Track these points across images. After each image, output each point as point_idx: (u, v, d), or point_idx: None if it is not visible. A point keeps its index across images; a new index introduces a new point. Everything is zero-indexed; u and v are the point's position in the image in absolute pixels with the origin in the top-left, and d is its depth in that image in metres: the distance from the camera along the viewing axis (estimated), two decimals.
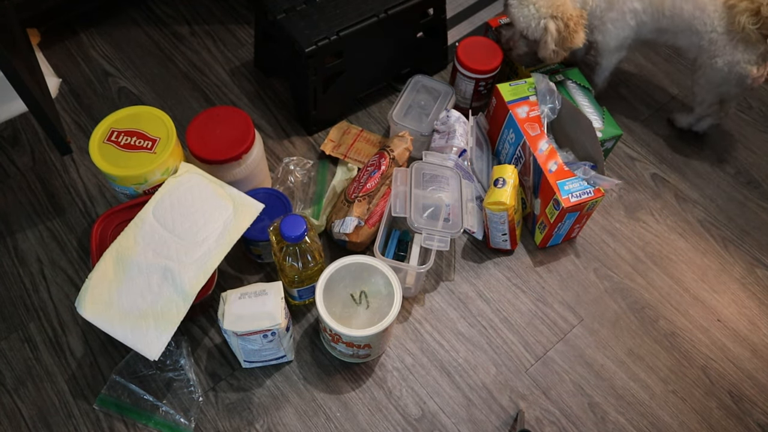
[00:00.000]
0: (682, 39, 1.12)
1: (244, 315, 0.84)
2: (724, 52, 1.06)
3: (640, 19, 1.12)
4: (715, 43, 1.06)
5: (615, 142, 1.15)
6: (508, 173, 1.04)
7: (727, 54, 1.06)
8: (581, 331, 1.05)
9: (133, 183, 0.95)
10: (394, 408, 0.96)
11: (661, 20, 1.10)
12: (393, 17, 1.14)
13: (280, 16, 1.11)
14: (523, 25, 1.10)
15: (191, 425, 0.92)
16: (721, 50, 1.06)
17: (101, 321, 0.86)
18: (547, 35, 1.08)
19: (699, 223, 1.19)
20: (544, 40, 1.09)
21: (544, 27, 1.08)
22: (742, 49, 1.05)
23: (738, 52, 1.05)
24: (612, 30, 1.13)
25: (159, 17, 1.40)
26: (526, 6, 1.07)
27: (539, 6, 1.06)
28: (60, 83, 1.28)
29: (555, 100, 1.11)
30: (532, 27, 1.09)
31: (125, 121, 0.97)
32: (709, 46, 1.08)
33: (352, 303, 0.97)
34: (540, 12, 1.07)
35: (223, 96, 1.29)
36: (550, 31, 1.07)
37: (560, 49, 1.10)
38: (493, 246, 1.11)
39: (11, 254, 1.07)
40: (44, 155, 1.19)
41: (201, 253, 0.90)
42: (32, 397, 0.95)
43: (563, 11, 1.06)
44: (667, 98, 1.35)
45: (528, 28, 1.10)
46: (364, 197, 1.04)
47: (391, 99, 1.31)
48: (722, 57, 1.07)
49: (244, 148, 0.99)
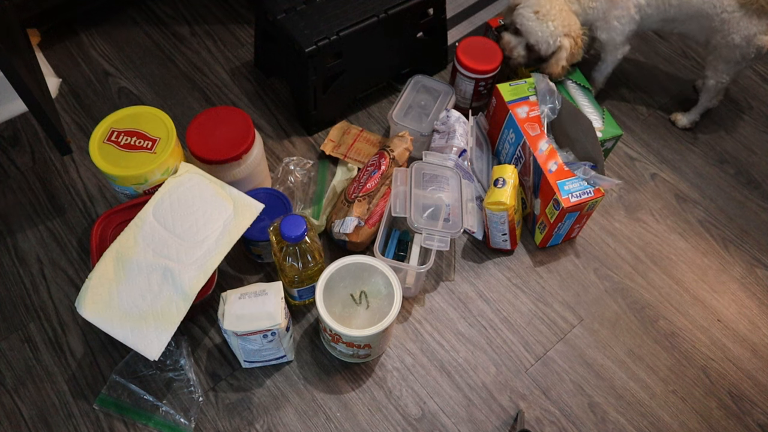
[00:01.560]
0: (691, 25, 1.14)
1: (244, 315, 0.84)
2: (739, 27, 1.09)
3: (645, 12, 1.13)
4: (728, 21, 1.09)
5: (615, 142, 1.15)
6: (508, 173, 1.04)
7: (742, 29, 1.09)
8: (581, 331, 1.05)
9: (133, 183, 0.95)
10: (394, 408, 0.96)
11: (669, 10, 1.12)
12: (393, 17, 1.14)
13: (280, 16, 1.11)
14: (537, 39, 1.11)
15: (191, 425, 0.92)
16: (736, 27, 1.09)
17: (101, 321, 0.86)
18: (561, 52, 1.10)
19: (699, 223, 1.19)
20: (557, 57, 1.11)
21: (559, 45, 1.10)
22: (756, 22, 1.08)
23: (753, 25, 1.08)
24: (618, 26, 1.14)
25: (159, 17, 1.40)
26: (545, 22, 1.09)
27: (557, 24, 1.09)
28: (60, 83, 1.28)
29: (555, 100, 1.11)
30: (548, 43, 1.10)
31: (125, 121, 0.97)
32: (722, 26, 1.10)
33: (352, 303, 0.97)
34: (557, 30, 1.09)
35: (223, 96, 1.29)
36: (565, 48, 1.09)
37: (568, 65, 1.13)
38: (493, 246, 1.11)
39: (11, 254, 1.07)
40: (44, 155, 1.19)
41: (201, 253, 0.90)
42: (32, 397, 0.95)
43: (574, 29, 1.10)
44: (667, 98, 1.35)
45: (541, 42, 1.11)
46: (364, 197, 1.04)
47: (391, 99, 1.31)
48: (738, 33, 1.10)
49: (244, 148, 0.99)
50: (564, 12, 1.09)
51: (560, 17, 1.08)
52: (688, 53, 1.43)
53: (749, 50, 1.11)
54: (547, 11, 1.08)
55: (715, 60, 1.17)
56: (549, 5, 1.08)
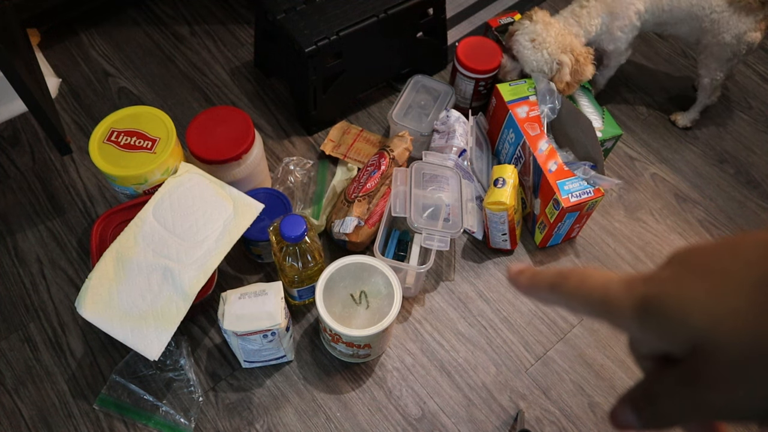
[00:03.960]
0: (682, 27, 1.16)
1: (244, 315, 0.84)
2: (729, 26, 1.11)
3: (644, 18, 1.14)
4: (718, 21, 1.11)
5: (615, 142, 1.15)
6: (508, 173, 1.04)
7: (732, 27, 1.11)
8: (581, 330, 1.05)
9: (133, 183, 0.95)
10: (394, 408, 0.96)
11: (662, 15, 1.14)
12: (393, 17, 1.14)
13: (280, 16, 1.11)
14: (535, 68, 1.12)
15: (191, 425, 0.92)
16: (726, 26, 1.11)
17: (101, 321, 0.86)
18: (564, 68, 1.10)
19: (699, 223, 1.19)
20: (559, 76, 1.11)
21: (559, 63, 1.10)
22: (745, 19, 1.10)
23: (742, 23, 1.10)
24: (622, 36, 1.16)
25: (159, 17, 1.40)
26: (540, 51, 1.09)
27: (552, 51, 1.09)
28: (60, 83, 1.28)
29: (555, 100, 1.11)
30: (545, 70, 1.11)
31: (125, 121, 0.97)
32: (712, 26, 1.12)
33: (352, 303, 0.97)
34: (553, 56, 1.09)
35: (223, 96, 1.29)
36: (566, 63, 1.09)
37: (573, 81, 1.12)
38: (493, 246, 1.11)
39: (11, 254, 1.07)
40: (44, 155, 1.19)
41: (201, 253, 0.90)
42: (32, 397, 0.95)
43: (572, 49, 1.09)
44: (667, 98, 1.35)
45: (536, 71, 1.12)
46: (364, 197, 1.04)
47: (391, 99, 1.31)
48: (729, 32, 1.11)
49: (244, 148, 0.99)
50: (561, 36, 1.09)
51: (557, 42, 1.08)
52: (687, 53, 1.43)
53: (740, 47, 1.13)
54: (543, 39, 1.08)
55: (706, 59, 1.18)
56: (545, 33, 1.08)
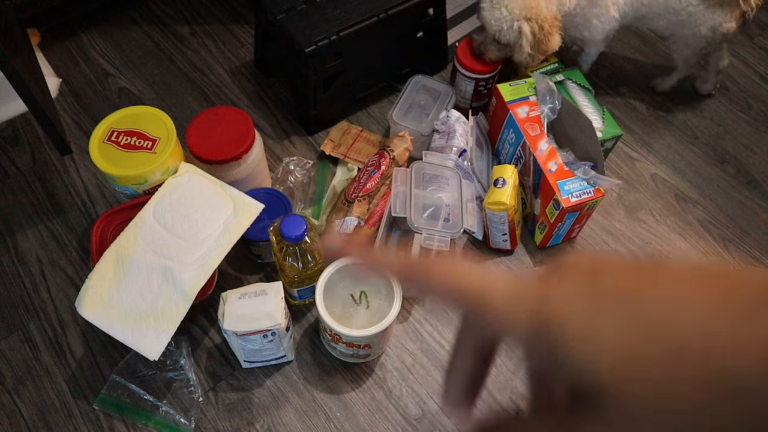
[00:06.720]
0: (660, 21, 1.17)
1: (244, 315, 0.84)
2: (705, 19, 1.13)
3: (623, 11, 1.14)
4: (694, 15, 1.13)
5: (615, 142, 1.15)
6: (508, 173, 1.04)
7: (708, 20, 1.13)
8: None
9: (133, 183, 0.95)
10: (394, 408, 0.96)
11: (641, 9, 1.14)
12: (393, 17, 1.14)
13: (280, 16, 1.11)
14: (495, 28, 1.07)
15: (191, 425, 0.92)
16: (702, 18, 1.13)
17: (101, 321, 0.86)
18: (521, 38, 1.06)
19: (699, 223, 1.19)
20: (519, 44, 1.07)
21: (518, 30, 1.05)
22: (720, 12, 1.12)
23: (717, 15, 1.12)
24: (598, 25, 1.15)
25: (159, 17, 1.40)
26: (498, 8, 1.05)
27: (512, 8, 1.04)
28: (60, 83, 1.28)
29: (555, 100, 1.11)
30: (504, 30, 1.07)
31: (125, 121, 0.97)
32: (689, 19, 1.14)
33: (352, 303, 0.97)
34: (513, 14, 1.04)
35: (223, 96, 1.29)
36: (525, 33, 1.05)
37: (536, 52, 1.08)
38: (493, 246, 1.11)
39: (11, 254, 1.07)
40: (44, 155, 1.19)
41: (201, 253, 0.90)
42: (32, 397, 0.95)
43: (537, 13, 1.04)
44: (668, 98, 1.35)
45: (500, 31, 1.07)
46: (364, 197, 1.04)
47: (391, 99, 1.31)
48: (705, 24, 1.14)
49: (244, 148, 0.99)
50: None
51: (518, 1, 1.03)
52: None
53: (715, 38, 1.16)
54: None
55: (682, 48, 1.21)
56: None
